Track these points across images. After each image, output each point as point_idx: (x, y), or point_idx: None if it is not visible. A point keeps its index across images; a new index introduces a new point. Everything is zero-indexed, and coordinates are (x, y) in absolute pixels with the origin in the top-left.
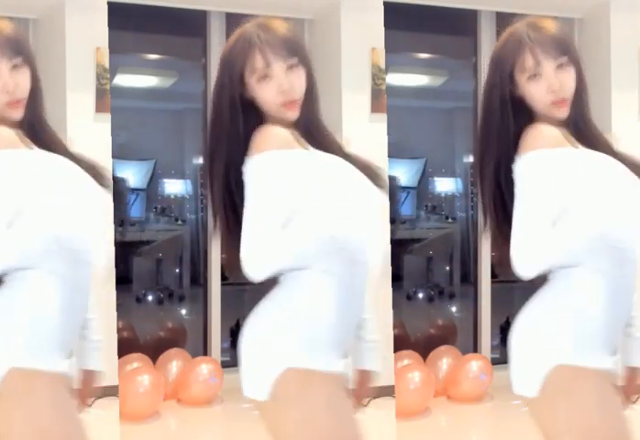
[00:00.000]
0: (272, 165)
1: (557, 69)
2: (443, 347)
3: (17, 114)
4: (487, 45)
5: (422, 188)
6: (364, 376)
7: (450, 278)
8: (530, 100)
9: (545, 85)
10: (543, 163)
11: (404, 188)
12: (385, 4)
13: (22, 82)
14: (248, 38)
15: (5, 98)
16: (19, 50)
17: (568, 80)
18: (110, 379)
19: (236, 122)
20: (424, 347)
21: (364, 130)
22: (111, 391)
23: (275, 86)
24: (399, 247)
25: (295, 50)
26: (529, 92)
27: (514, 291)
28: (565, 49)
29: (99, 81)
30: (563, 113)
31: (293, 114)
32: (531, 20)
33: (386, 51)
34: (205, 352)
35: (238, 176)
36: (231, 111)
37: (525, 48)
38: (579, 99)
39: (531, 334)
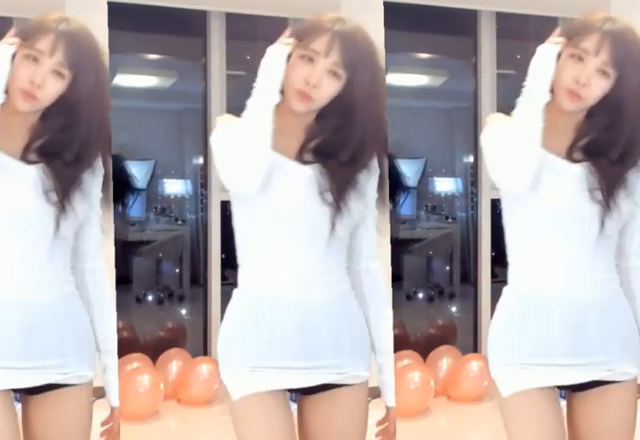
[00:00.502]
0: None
1: (597, 70)
2: (443, 347)
3: (23, 106)
4: (487, 45)
5: (422, 188)
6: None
7: (450, 278)
8: (557, 74)
9: (576, 71)
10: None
11: (404, 188)
12: (385, 4)
13: (50, 87)
14: (339, 20)
15: (26, 85)
16: (70, 63)
17: (596, 85)
18: None
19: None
20: (424, 347)
21: None
22: None
23: (306, 72)
24: (399, 247)
25: (351, 66)
26: (563, 65)
27: None
28: (623, 65)
29: None
30: (568, 105)
31: (300, 105)
32: (625, 23)
33: (386, 51)
34: (205, 352)
35: None
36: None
37: (600, 31)
38: (612, 116)
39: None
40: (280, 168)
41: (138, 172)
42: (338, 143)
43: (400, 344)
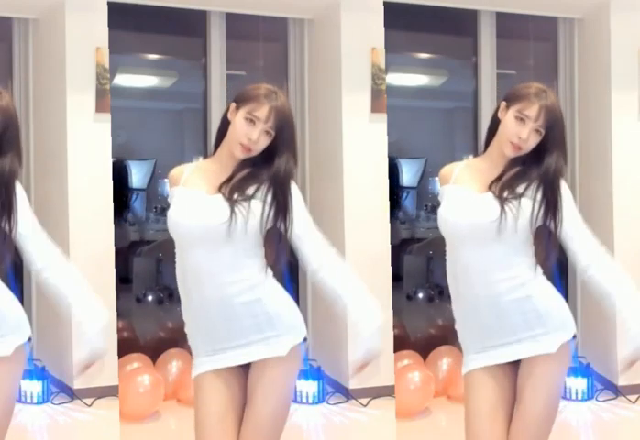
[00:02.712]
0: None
1: (534, 130)
2: (443, 347)
3: None
4: (487, 45)
5: (422, 188)
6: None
7: None
8: (502, 127)
9: (518, 128)
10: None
11: (404, 188)
12: (385, 4)
13: None
14: (273, 93)
15: None
16: None
17: (532, 140)
18: (110, 379)
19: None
20: (424, 347)
21: (364, 130)
22: (111, 391)
23: (248, 131)
24: (399, 247)
25: (280, 129)
26: (509, 121)
27: None
28: (550, 127)
29: (99, 81)
30: (511, 153)
31: (242, 155)
32: (553, 98)
33: (386, 51)
34: None
35: None
36: (222, 122)
37: (538, 103)
38: (545, 159)
39: None
40: (200, 200)
41: (138, 172)
42: (251, 181)
43: (400, 344)
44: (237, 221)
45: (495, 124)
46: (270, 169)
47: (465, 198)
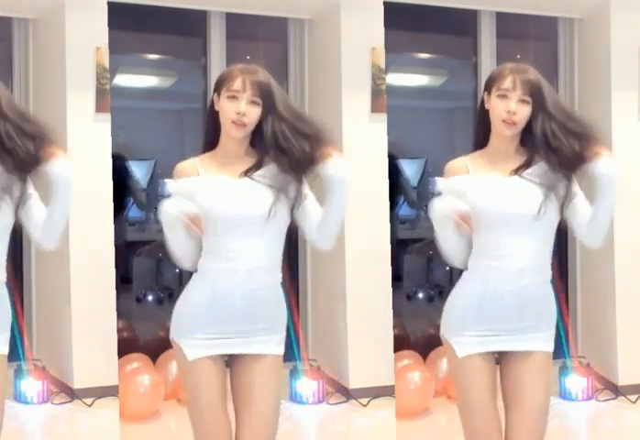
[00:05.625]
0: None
1: (519, 100)
2: (443, 347)
3: None
4: (487, 45)
5: (422, 188)
6: None
7: (450, 278)
8: (491, 113)
9: (504, 104)
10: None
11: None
12: (385, 4)
13: None
14: (237, 68)
15: None
16: None
17: (522, 111)
18: (110, 379)
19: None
20: (424, 347)
21: (364, 130)
22: (111, 391)
23: (234, 106)
24: (399, 247)
25: (263, 95)
26: (494, 103)
27: None
28: (533, 93)
29: (99, 81)
30: (506, 131)
31: (237, 132)
32: (531, 72)
33: (386, 51)
34: None
35: None
36: (209, 114)
37: (510, 75)
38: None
39: None
40: (228, 185)
41: (138, 172)
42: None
43: (400, 344)
44: (277, 206)
45: (484, 117)
46: (264, 140)
47: (496, 185)
